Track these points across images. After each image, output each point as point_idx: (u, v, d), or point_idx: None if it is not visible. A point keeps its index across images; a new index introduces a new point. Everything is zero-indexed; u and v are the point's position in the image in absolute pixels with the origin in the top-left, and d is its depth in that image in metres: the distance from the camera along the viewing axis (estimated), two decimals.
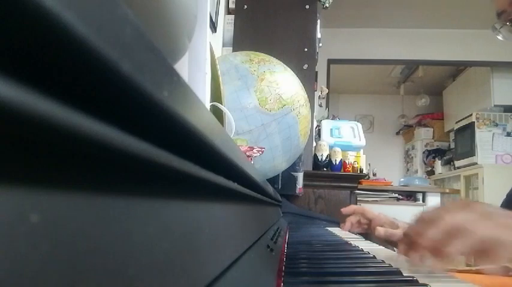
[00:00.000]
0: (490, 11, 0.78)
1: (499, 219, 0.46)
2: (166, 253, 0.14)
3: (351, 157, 1.86)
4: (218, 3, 1.52)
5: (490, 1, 0.78)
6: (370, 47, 3.49)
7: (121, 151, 0.10)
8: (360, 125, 2.03)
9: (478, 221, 0.45)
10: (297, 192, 1.54)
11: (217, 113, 0.80)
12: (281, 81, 1.06)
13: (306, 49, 1.77)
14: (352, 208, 0.97)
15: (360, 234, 1.00)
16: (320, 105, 2.54)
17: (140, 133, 0.11)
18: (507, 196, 0.90)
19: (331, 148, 1.80)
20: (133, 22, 0.10)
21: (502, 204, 0.90)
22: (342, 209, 0.97)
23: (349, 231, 0.96)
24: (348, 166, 1.82)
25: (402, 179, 3.33)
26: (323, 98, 2.73)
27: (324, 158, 1.76)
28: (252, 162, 0.88)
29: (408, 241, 0.49)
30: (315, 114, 1.83)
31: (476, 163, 3.30)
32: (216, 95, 0.82)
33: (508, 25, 0.76)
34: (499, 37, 0.80)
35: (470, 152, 3.41)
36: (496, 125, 3.41)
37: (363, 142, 1.93)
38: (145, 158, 0.11)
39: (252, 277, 0.29)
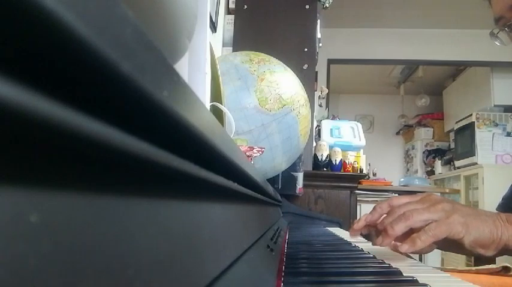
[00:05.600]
0: (490, 11, 0.78)
1: (442, 205, 0.59)
2: (167, 253, 0.14)
3: (351, 157, 1.86)
4: (218, 3, 1.51)
5: (488, 7, 0.78)
6: (370, 47, 3.49)
7: (121, 151, 0.10)
8: (359, 125, 2.03)
9: (417, 209, 0.59)
10: (297, 192, 1.54)
11: (217, 113, 0.80)
12: (281, 81, 1.06)
13: (306, 49, 1.76)
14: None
15: (360, 235, 0.99)
16: (320, 105, 2.54)
17: (140, 133, 0.11)
18: (503, 199, 0.90)
19: (331, 148, 1.80)
20: (133, 22, 0.10)
21: (498, 207, 0.89)
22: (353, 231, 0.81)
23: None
24: (348, 166, 1.82)
25: (402, 179, 3.33)
26: (323, 98, 2.73)
27: (324, 158, 1.76)
28: (252, 162, 0.88)
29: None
30: (315, 114, 1.83)
31: (476, 163, 3.29)
32: (216, 95, 0.82)
33: (506, 30, 0.76)
34: (497, 43, 0.80)
35: (470, 152, 3.41)
36: (496, 125, 3.41)
37: (363, 142, 1.93)
38: (145, 158, 0.11)
39: (252, 277, 0.29)
